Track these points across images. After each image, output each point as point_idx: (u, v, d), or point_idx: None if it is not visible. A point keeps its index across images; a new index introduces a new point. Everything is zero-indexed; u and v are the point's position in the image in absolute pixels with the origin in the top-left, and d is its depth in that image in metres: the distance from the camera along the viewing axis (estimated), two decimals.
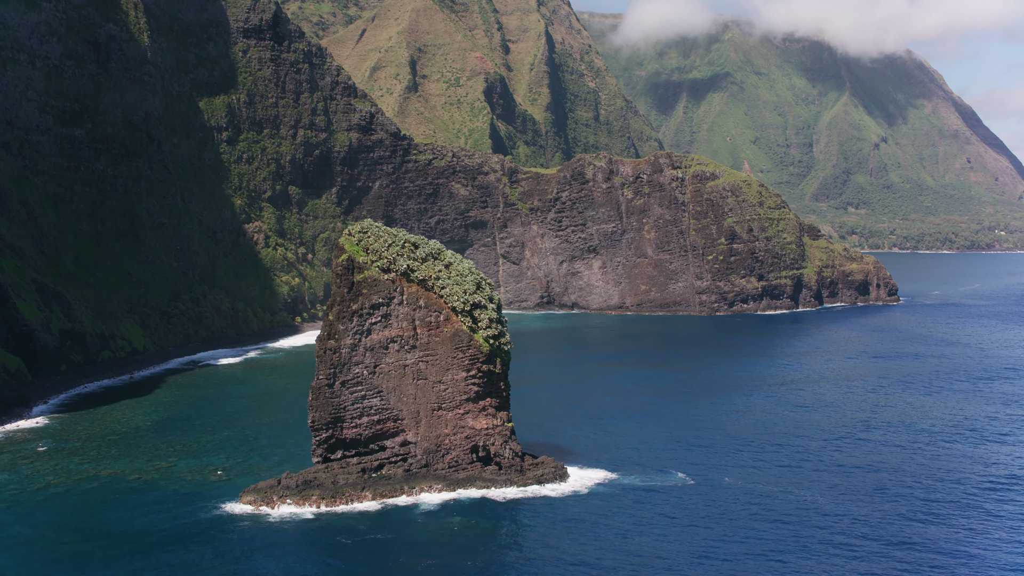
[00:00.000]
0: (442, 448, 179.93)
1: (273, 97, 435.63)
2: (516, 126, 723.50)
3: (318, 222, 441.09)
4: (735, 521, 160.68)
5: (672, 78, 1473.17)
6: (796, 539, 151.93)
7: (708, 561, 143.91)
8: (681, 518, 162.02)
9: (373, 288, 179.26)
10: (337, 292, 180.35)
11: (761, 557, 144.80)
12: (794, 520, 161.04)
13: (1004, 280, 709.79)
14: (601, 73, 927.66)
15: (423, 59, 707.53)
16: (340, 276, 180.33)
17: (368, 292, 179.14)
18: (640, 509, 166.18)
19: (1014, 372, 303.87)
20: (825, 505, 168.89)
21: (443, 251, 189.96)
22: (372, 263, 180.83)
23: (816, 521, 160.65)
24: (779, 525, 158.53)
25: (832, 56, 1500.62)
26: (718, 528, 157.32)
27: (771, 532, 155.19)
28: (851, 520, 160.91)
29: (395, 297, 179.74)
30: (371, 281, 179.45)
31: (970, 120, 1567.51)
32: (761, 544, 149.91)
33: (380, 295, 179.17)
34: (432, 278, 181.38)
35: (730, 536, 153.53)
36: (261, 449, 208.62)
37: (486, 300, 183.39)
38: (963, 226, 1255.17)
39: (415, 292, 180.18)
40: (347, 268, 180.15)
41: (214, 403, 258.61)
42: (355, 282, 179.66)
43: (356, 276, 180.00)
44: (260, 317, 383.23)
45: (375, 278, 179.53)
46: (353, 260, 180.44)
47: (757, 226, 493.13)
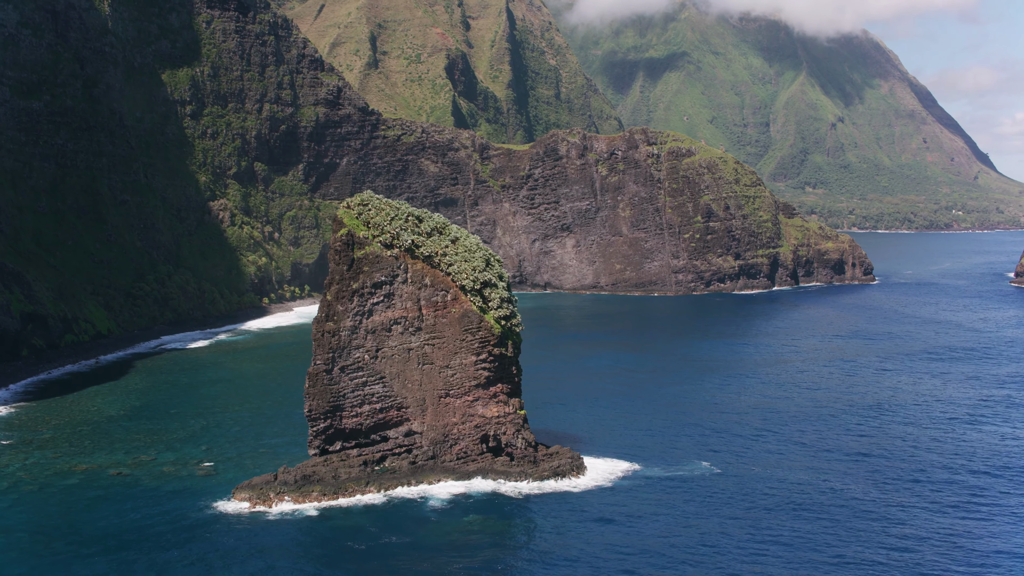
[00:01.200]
0: (450, 438, 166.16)
1: (238, 70, 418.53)
2: (478, 103, 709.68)
3: (284, 200, 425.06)
4: (774, 513, 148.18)
5: (628, 57, 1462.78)
6: (845, 532, 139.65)
7: (763, 559, 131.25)
8: (719, 512, 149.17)
9: (375, 265, 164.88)
10: (336, 270, 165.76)
11: (813, 552, 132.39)
12: (835, 511, 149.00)
13: (972, 259, 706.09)
14: (562, 51, 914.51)
15: (383, 35, 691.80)
16: (339, 252, 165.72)
17: (369, 270, 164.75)
18: (673, 504, 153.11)
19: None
20: (863, 494, 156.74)
21: (448, 225, 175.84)
22: (373, 238, 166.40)
23: (858, 512, 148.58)
24: (821, 518, 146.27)
25: (789, 35, 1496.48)
26: (762, 521, 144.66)
27: (816, 526, 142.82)
28: (894, 509, 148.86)
29: (398, 275, 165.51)
30: (372, 258, 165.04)
31: (926, 101, 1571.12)
32: (810, 540, 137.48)
33: (382, 273, 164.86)
34: (439, 254, 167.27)
35: (776, 530, 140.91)
36: (246, 439, 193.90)
37: (496, 278, 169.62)
38: (921, 206, 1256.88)
39: (420, 269, 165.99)
40: (346, 244, 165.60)
41: (188, 390, 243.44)
42: (355, 259, 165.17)
43: (356, 252, 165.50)
44: (227, 298, 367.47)
45: (377, 254, 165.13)
46: (353, 235, 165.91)
47: (733, 204, 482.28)
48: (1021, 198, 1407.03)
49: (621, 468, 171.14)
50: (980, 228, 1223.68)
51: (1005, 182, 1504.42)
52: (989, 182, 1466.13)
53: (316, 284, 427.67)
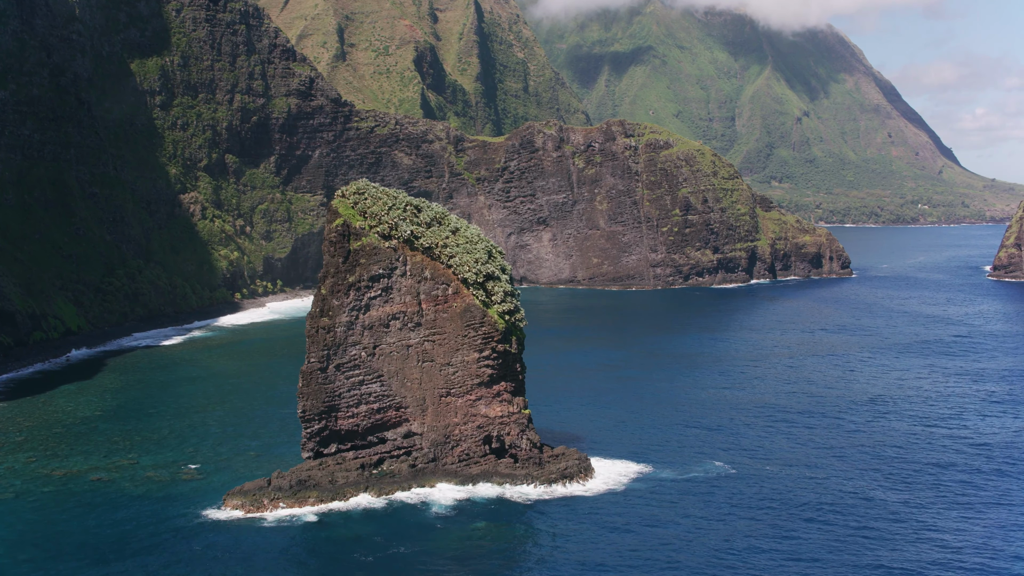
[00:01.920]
0: (451, 439, 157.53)
1: (208, 60, 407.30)
2: (446, 96, 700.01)
3: (256, 192, 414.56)
4: (800, 516, 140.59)
5: (593, 51, 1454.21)
6: (878, 536, 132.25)
7: (797, 564, 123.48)
8: (742, 516, 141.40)
9: (372, 257, 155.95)
10: (331, 262, 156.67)
11: (850, 556, 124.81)
12: (863, 513, 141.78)
13: (945, 253, 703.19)
14: (529, 44, 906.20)
15: (351, 27, 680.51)
16: (334, 244, 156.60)
17: (366, 262, 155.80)
18: (692, 508, 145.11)
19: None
20: (886, 494, 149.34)
21: (447, 215, 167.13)
22: (370, 228, 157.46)
23: (886, 514, 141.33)
24: (850, 521, 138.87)
25: (754, 30, 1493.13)
26: (788, 525, 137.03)
27: (847, 529, 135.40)
28: (923, 512, 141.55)
29: (397, 267, 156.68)
30: (370, 249, 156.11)
31: (890, 95, 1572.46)
32: (843, 545, 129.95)
33: (380, 265, 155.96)
34: (439, 245, 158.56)
35: (805, 535, 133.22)
36: (230, 441, 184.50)
37: (498, 270, 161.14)
38: (887, 200, 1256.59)
39: (420, 262, 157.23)
40: (342, 235, 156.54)
41: (165, 388, 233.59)
42: (351, 250, 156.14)
43: (352, 244, 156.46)
44: (199, 294, 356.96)
45: (374, 246, 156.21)
46: (349, 225, 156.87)
47: (712, 196, 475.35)
48: (985, 192, 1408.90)
49: (632, 470, 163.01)
50: (946, 222, 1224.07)
51: (969, 176, 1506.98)
52: (953, 176, 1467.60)
53: (288, 279, 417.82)
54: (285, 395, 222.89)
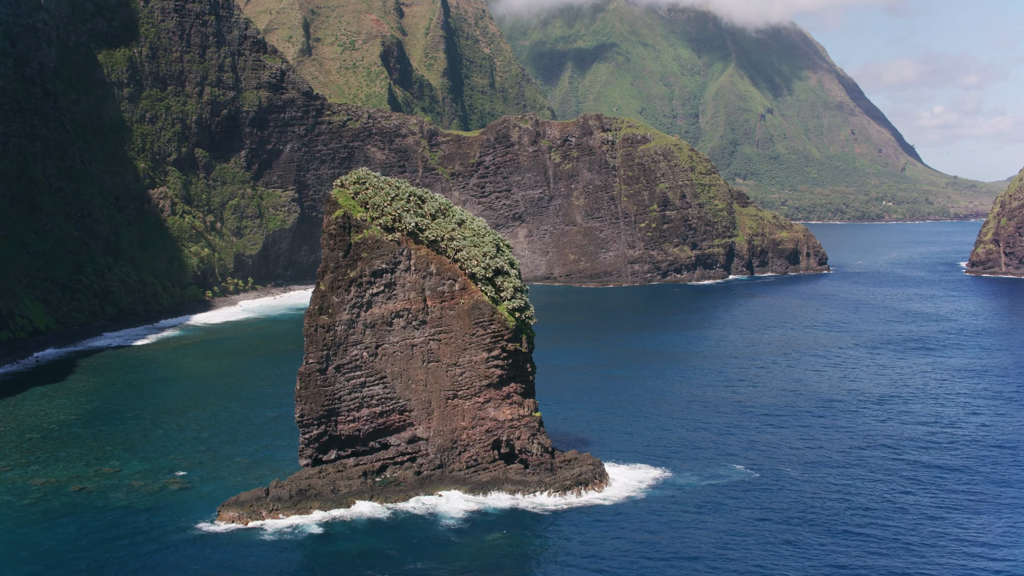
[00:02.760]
0: (458, 444, 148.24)
1: (177, 51, 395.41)
2: (413, 92, 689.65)
3: (226, 188, 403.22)
4: (837, 525, 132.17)
5: (557, 48, 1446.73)
6: (922, 546, 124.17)
7: (844, 572, 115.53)
8: (776, 524, 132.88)
9: (374, 251, 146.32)
10: (330, 257, 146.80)
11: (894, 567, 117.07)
12: (899, 521, 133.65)
13: (917, 250, 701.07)
14: (495, 39, 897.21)
15: (316, 21, 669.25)
16: (334, 237, 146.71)
17: (368, 256, 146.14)
18: (720, 517, 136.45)
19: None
20: (919, 499, 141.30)
21: (451, 206, 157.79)
22: (372, 220, 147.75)
23: (924, 520, 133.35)
24: (889, 529, 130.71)
25: (717, 27, 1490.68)
26: (828, 535, 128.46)
27: (887, 538, 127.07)
28: (968, 521, 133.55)
29: (401, 262, 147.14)
30: (372, 243, 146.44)
31: (853, 92, 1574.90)
32: (892, 556, 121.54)
33: (383, 260, 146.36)
34: (445, 238, 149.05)
35: (849, 548, 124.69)
36: (216, 447, 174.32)
37: (507, 265, 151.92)
38: (851, 197, 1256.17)
39: (425, 256, 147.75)
40: (342, 227, 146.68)
41: (142, 390, 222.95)
42: (352, 244, 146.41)
43: (354, 236, 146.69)
44: (169, 292, 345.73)
45: (376, 239, 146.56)
46: (350, 217, 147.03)
47: (689, 192, 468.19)
48: (948, 190, 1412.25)
49: (649, 476, 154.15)
50: (911, 219, 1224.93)
51: (931, 173, 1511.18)
52: (916, 173, 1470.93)
53: (259, 276, 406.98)
54: (266, 397, 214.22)
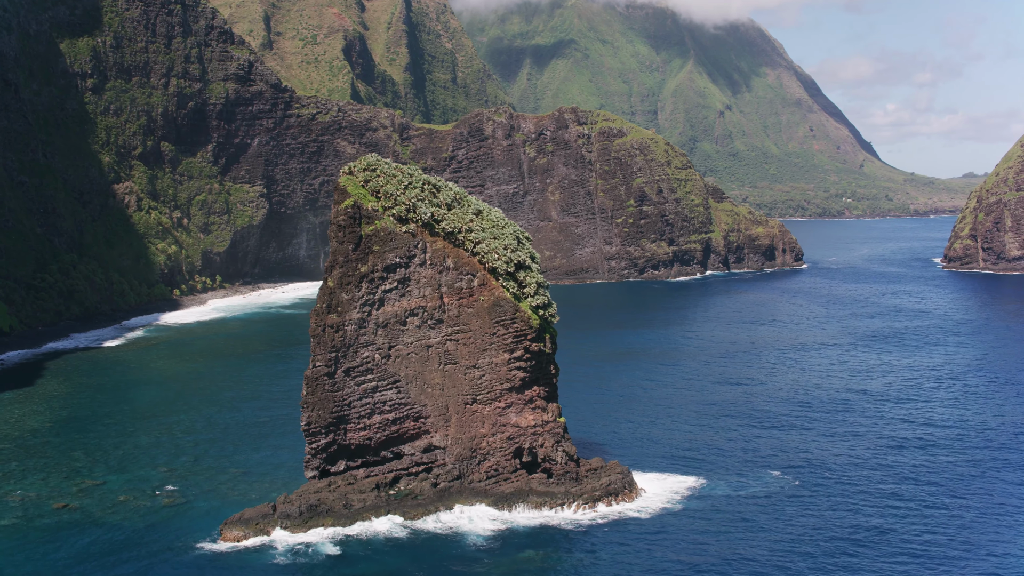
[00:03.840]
0: (478, 453, 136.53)
1: (143, 41, 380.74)
2: (376, 87, 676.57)
3: (193, 183, 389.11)
4: (895, 537, 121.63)
5: (515, 44, 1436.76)
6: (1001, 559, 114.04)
7: None
8: (831, 537, 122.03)
9: (387, 244, 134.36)
10: (339, 250, 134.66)
11: None
12: (966, 533, 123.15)
13: (887, 246, 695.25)
14: (457, 34, 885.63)
15: (277, 15, 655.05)
16: (343, 228, 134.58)
17: (380, 249, 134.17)
18: (770, 531, 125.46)
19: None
20: (979, 505, 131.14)
21: (466, 195, 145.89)
22: (384, 210, 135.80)
23: (987, 528, 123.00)
24: (953, 540, 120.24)
25: (676, 23, 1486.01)
26: (886, 549, 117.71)
27: (948, 554, 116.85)
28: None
29: (416, 255, 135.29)
30: (384, 235, 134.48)
31: (811, 89, 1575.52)
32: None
33: (397, 253, 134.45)
34: (463, 230, 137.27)
35: (915, 564, 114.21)
36: (206, 456, 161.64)
37: (529, 259, 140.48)
38: (811, 194, 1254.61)
39: (441, 248, 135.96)
40: (352, 217, 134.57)
41: (118, 395, 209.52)
42: (363, 236, 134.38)
43: (365, 228, 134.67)
44: (137, 290, 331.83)
45: (389, 230, 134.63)
46: (360, 207, 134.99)
47: (666, 187, 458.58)
48: (906, 186, 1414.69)
49: (682, 485, 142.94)
50: (872, 215, 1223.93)
51: (889, 170, 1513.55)
52: (874, 170, 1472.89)
53: (227, 274, 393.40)
54: (249, 400, 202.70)
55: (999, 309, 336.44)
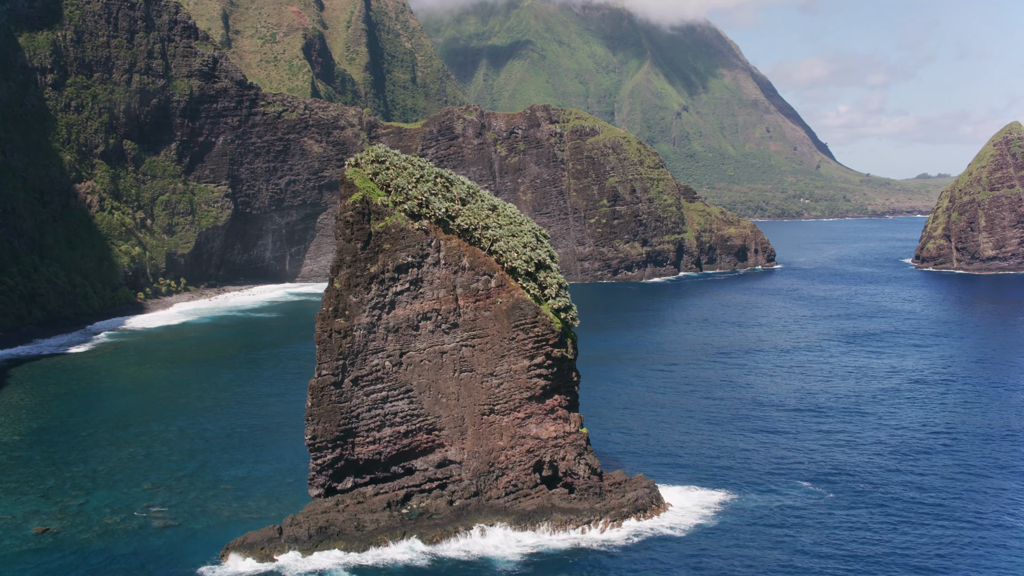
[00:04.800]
0: (496, 468, 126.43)
1: (104, 36, 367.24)
2: (336, 86, 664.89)
3: (157, 182, 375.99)
4: (952, 554, 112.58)
5: (471, 44, 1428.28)
6: None
7: None
8: (881, 555, 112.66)
9: (398, 242, 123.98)
10: (347, 249, 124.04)
11: None
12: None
13: (854, 246, 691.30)
14: (416, 34, 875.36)
15: (236, 13, 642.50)
16: (351, 225, 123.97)
17: (392, 248, 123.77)
18: (816, 547, 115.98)
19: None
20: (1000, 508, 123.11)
21: (478, 190, 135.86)
22: (395, 206, 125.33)
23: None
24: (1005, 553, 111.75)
25: (632, 24, 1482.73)
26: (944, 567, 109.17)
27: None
28: None
29: (429, 254, 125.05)
30: (396, 232, 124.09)
31: (767, 90, 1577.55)
32: None
33: (409, 252, 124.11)
34: (479, 227, 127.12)
35: None
36: (193, 471, 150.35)
37: (548, 258, 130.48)
38: (769, 195, 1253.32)
39: (456, 247, 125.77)
40: (361, 214, 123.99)
41: (90, 405, 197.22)
42: (373, 233, 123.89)
43: (374, 225, 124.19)
44: (100, 293, 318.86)
45: (401, 227, 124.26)
46: (369, 202, 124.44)
47: (639, 187, 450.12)
48: (863, 187, 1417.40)
49: (711, 499, 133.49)
50: (830, 216, 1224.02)
51: (845, 171, 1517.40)
52: (830, 171, 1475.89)
53: (192, 277, 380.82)
54: (230, 408, 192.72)
55: (984, 309, 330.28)
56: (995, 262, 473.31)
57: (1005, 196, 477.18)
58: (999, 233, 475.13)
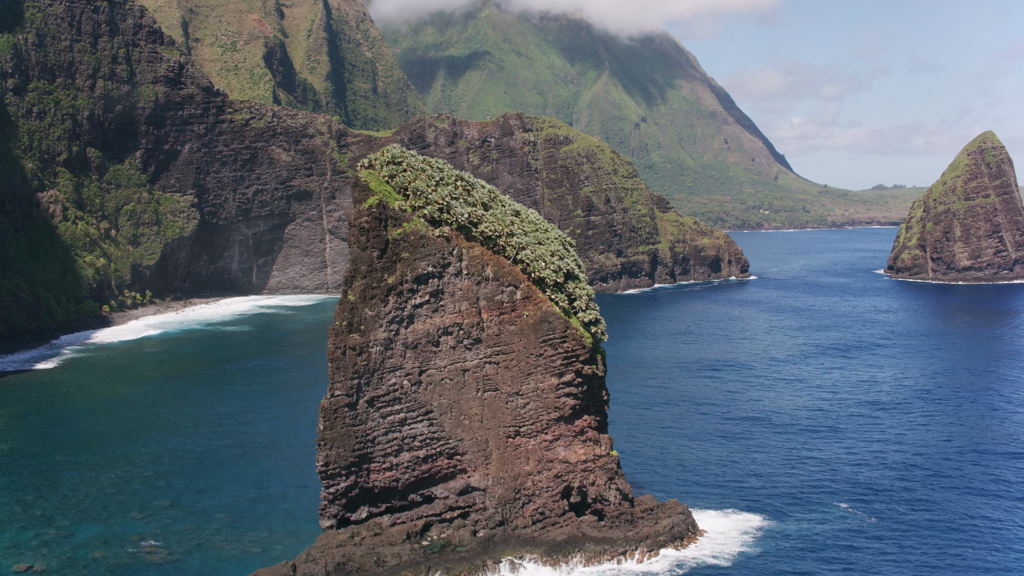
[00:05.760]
0: (522, 494, 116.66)
1: (67, 39, 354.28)
2: (297, 95, 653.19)
3: (121, 191, 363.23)
4: None
5: (429, 55, 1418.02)
6: None
7: None
8: None
9: (418, 250, 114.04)
10: (362, 257, 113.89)
11: None
12: None
13: (823, 256, 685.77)
14: (377, 43, 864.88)
15: (195, 20, 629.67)
16: (367, 232, 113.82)
17: (411, 257, 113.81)
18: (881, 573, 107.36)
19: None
20: None
21: (498, 194, 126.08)
22: (414, 210, 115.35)
23: None
24: None
25: (590, 35, 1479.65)
26: None
27: None
28: None
29: (450, 263, 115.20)
30: (415, 239, 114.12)
31: (725, 102, 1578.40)
32: None
33: (429, 261, 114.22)
34: (503, 234, 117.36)
35: None
36: (183, 498, 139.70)
37: (576, 267, 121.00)
38: (729, 206, 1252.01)
39: (479, 256, 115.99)
40: (378, 219, 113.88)
41: (63, 426, 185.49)
42: (390, 241, 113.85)
43: (391, 231, 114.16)
44: (65, 306, 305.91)
45: (420, 234, 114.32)
46: (386, 206, 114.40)
47: (614, 196, 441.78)
48: (821, 198, 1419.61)
49: (748, 523, 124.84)
50: (790, 227, 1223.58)
51: (803, 182, 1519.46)
52: (789, 182, 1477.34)
53: (157, 289, 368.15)
54: (211, 426, 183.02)
55: (970, 319, 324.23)
56: (971, 272, 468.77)
57: (980, 206, 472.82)
58: (975, 243, 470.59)
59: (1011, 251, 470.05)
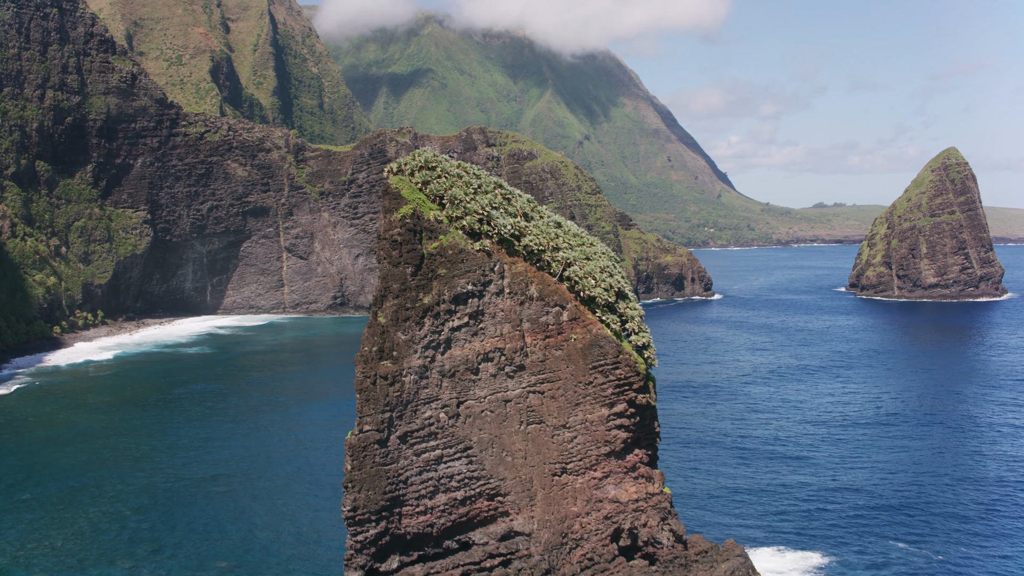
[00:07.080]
0: (569, 539, 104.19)
1: (15, 47, 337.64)
2: (243, 111, 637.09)
3: (72, 207, 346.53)
4: None
5: (371, 72, 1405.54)
6: None
7: None
8: None
9: (456, 266, 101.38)
10: (393, 274, 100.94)
11: None
12: None
13: (779, 275, 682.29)
14: (323, 59, 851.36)
15: (140, 34, 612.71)
16: (400, 245, 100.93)
17: (448, 273, 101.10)
18: None
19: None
20: None
21: (536, 204, 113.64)
22: (450, 221, 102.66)
23: None
24: None
25: (533, 52, 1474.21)
26: None
27: None
28: None
29: (492, 281, 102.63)
30: (452, 254, 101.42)
31: (667, 120, 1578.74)
32: None
33: (469, 278, 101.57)
34: (548, 248, 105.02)
35: None
36: (171, 541, 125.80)
37: (625, 285, 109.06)
38: (673, 224, 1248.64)
39: (523, 273, 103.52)
40: (412, 231, 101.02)
41: (24, 458, 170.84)
42: (425, 256, 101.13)
43: (427, 245, 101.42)
44: (14, 327, 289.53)
45: (459, 248, 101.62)
46: (421, 217, 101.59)
47: (579, 213, 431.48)
48: (764, 216, 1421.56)
49: (806, 562, 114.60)
50: (736, 245, 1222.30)
51: (746, 200, 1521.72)
52: (732, 200, 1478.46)
53: (109, 309, 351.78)
54: (186, 454, 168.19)
55: (947, 336, 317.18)
56: (936, 289, 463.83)
57: (946, 222, 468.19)
58: (941, 260, 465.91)
59: (976, 268, 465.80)
